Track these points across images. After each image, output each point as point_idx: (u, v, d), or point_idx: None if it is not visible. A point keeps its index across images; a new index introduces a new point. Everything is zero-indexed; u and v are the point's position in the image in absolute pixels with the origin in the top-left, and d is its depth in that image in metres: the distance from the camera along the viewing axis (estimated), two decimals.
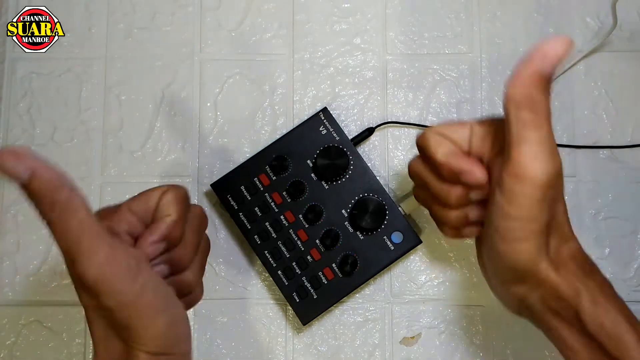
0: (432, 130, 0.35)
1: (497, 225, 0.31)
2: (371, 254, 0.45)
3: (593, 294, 0.31)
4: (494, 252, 0.32)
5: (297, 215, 0.45)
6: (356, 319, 0.47)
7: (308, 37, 0.50)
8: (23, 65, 0.50)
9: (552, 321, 0.32)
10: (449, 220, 0.36)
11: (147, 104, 0.49)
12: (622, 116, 0.49)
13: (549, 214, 0.31)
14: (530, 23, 0.50)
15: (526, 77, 0.28)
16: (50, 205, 0.27)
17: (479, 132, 0.34)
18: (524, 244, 0.31)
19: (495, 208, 0.31)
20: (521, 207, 0.30)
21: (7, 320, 0.47)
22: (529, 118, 0.29)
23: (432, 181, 0.36)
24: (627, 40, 0.50)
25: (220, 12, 0.50)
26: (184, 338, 0.33)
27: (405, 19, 0.50)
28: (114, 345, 0.31)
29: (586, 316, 0.30)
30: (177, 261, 0.35)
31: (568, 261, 0.32)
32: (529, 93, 0.29)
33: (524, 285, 0.32)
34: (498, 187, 0.31)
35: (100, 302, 0.29)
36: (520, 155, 0.29)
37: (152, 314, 0.30)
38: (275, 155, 0.45)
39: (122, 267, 0.29)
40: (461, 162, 0.33)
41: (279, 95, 0.49)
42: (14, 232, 0.48)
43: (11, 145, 0.27)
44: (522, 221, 0.30)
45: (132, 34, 0.50)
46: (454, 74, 0.49)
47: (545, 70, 0.28)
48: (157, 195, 0.35)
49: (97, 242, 0.29)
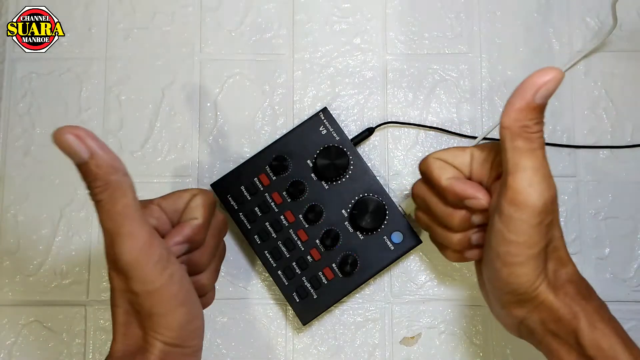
0: (433, 156, 0.37)
1: (497, 250, 0.32)
2: (371, 254, 0.44)
3: (591, 317, 0.32)
4: (495, 276, 0.33)
5: (297, 215, 0.45)
6: (356, 319, 0.47)
7: (308, 37, 0.50)
8: (23, 65, 0.50)
9: (552, 343, 0.33)
10: (451, 243, 0.37)
11: (147, 104, 0.49)
12: (622, 116, 0.49)
13: (547, 239, 0.32)
14: (530, 23, 0.50)
15: (519, 107, 0.30)
16: (103, 186, 0.29)
17: (478, 157, 0.35)
18: (523, 268, 0.31)
19: (494, 233, 0.32)
20: (519, 232, 0.31)
21: (7, 320, 0.47)
22: (524, 146, 0.30)
23: (436, 205, 0.37)
24: (627, 40, 0.50)
25: (221, 12, 0.50)
26: (199, 334, 0.34)
27: (405, 19, 0.50)
28: (133, 333, 0.32)
29: (585, 339, 0.31)
30: (195, 263, 0.36)
31: (566, 284, 0.33)
32: (522, 123, 0.30)
33: (524, 308, 0.33)
34: (497, 212, 0.32)
35: (129, 286, 0.31)
36: (516, 182, 0.30)
37: (174, 304, 0.32)
38: (275, 155, 0.45)
39: (155, 255, 0.31)
40: (466, 188, 0.34)
41: (279, 95, 0.49)
42: (14, 232, 0.48)
43: (70, 125, 0.28)
44: (520, 246, 0.31)
45: (132, 34, 0.50)
46: (454, 74, 0.49)
47: (536, 100, 0.30)
48: (187, 197, 0.37)
49: (138, 228, 0.30)
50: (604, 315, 0.32)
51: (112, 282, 0.32)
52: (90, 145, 0.29)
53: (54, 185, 0.49)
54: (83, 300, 0.48)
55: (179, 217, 0.37)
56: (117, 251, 0.30)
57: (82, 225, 0.48)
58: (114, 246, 0.30)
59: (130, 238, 0.30)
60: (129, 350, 0.32)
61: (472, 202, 0.34)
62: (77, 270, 0.48)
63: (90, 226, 0.48)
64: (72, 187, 0.49)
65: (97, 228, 0.48)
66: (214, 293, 0.40)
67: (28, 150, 0.49)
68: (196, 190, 0.38)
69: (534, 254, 0.31)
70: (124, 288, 0.31)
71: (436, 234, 0.39)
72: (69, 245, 0.48)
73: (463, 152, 0.36)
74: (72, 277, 0.48)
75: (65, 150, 0.28)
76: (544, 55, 0.49)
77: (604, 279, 0.48)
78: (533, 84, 0.30)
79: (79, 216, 0.48)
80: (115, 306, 0.32)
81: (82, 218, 0.48)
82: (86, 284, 0.48)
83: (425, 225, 0.40)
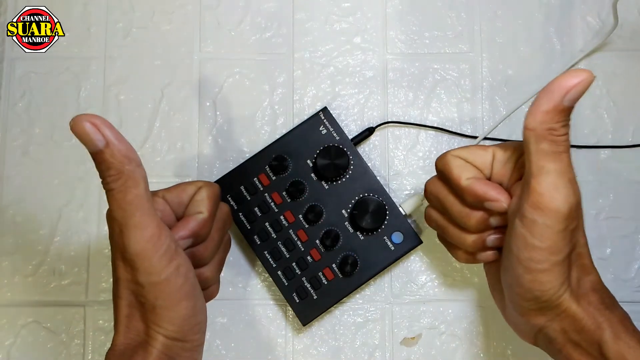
0: (453, 154, 0.35)
1: (519, 256, 0.31)
2: (371, 254, 0.44)
3: (615, 327, 0.31)
4: (516, 282, 0.32)
5: (297, 216, 0.45)
6: (356, 319, 0.47)
7: (308, 37, 0.50)
8: (22, 64, 0.50)
9: (572, 353, 0.32)
10: (465, 244, 0.36)
11: (147, 103, 0.49)
12: (623, 116, 0.49)
13: (571, 245, 0.31)
14: (531, 22, 0.50)
15: (546, 109, 0.29)
16: (116, 175, 0.29)
17: (501, 157, 0.34)
18: (547, 275, 0.31)
19: (516, 237, 0.31)
20: (543, 238, 0.30)
21: (5, 320, 0.47)
22: (549, 149, 0.29)
23: (452, 204, 0.36)
24: (628, 39, 0.49)
25: (220, 11, 0.50)
26: (202, 329, 0.34)
27: (406, 18, 0.50)
28: (136, 326, 0.32)
29: (609, 351, 0.30)
30: (199, 256, 0.36)
31: (589, 293, 0.32)
32: (548, 125, 0.29)
33: (545, 316, 0.32)
34: (519, 216, 0.31)
35: (134, 276, 0.31)
36: (540, 186, 0.29)
37: (178, 297, 0.32)
38: (275, 155, 0.45)
39: (163, 247, 0.31)
40: (488, 190, 0.33)
41: (279, 94, 0.49)
42: (13, 232, 0.48)
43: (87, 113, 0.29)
44: (544, 252, 0.30)
45: (131, 33, 0.50)
46: (454, 74, 0.49)
47: (565, 103, 0.29)
48: (192, 190, 0.37)
49: (148, 219, 0.30)
50: (629, 326, 0.32)
51: (117, 272, 0.32)
52: (106, 134, 0.29)
53: (52, 186, 0.48)
54: (82, 301, 0.47)
55: (184, 210, 0.36)
56: (125, 241, 0.30)
57: (81, 225, 0.48)
58: (122, 236, 0.30)
59: (140, 228, 0.30)
60: (131, 343, 0.32)
61: (493, 205, 0.33)
62: (76, 271, 0.48)
63: (89, 226, 0.48)
64: (71, 187, 0.48)
65: (96, 228, 0.48)
66: (218, 286, 0.40)
67: (27, 150, 0.49)
68: (201, 182, 0.37)
69: (558, 261, 0.30)
70: (129, 279, 0.31)
71: (448, 233, 0.38)
72: (68, 245, 0.48)
73: (485, 151, 0.35)
74: (71, 277, 0.48)
75: (81, 137, 0.29)
76: (545, 54, 0.49)
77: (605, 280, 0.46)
78: (562, 86, 0.29)
79: (77, 216, 0.48)
80: (118, 298, 0.32)
81: (81, 218, 0.48)
82: (85, 285, 0.48)
83: (436, 224, 0.39)
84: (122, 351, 0.32)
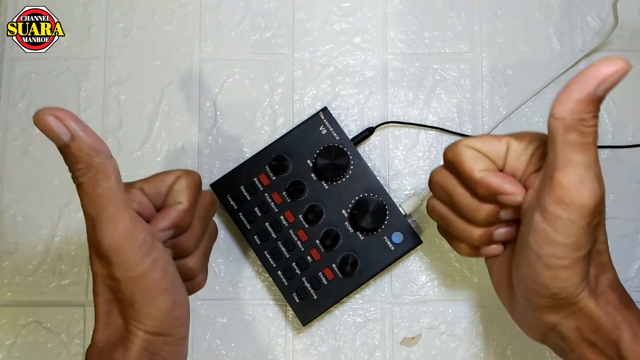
0: (465, 144, 0.34)
1: (539, 252, 0.30)
2: (371, 254, 0.44)
3: (634, 327, 0.30)
4: (532, 278, 0.31)
5: (297, 216, 0.45)
6: (356, 319, 0.47)
7: (308, 37, 0.50)
8: (22, 64, 0.50)
9: (586, 352, 0.31)
10: (470, 237, 0.35)
11: (147, 103, 0.49)
12: (623, 116, 0.49)
13: (592, 241, 0.30)
14: (531, 22, 0.50)
15: (578, 98, 0.27)
16: (85, 168, 0.29)
17: (516, 149, 0.33)
18: (568, 271, 0.29)
19: (536, 232, 0.30)
20: (567, 233, 0.29)
21: (6, 320, 0.47)
22: (578, 140, 0.28)
23: (460, 196, 0.34)
24: (628, 39, 0.49)
25: (220, 11, 0.50)
26: (183, 322, 0.33)
27: (406, 18, 0.50)
28: (115, 322, 0.31)
29: (627, 351, 0.30)
30: (182, 247, 0.35)
31: (607, 291, 0.31)
32: (579, 115, 0.27)
33: (559, 314, 0.31)
34: (539, 211, 0.29)
35: (110, 272, 0.30)
36: (567, 180, 0.28)
37: (156, 292, 0.31)
38: (275, 155, 0.45)
39: (138, 241, 0.30)
40: (503, 183, 0.32)
41: (279, 94, 0.49)
42: (13, 232, 0.48)
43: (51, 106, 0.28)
44: (567, 248, 0.29)
45: (131, 33, 0.50)
46: (454, 74, 0.49)
47: (599, 92, 0.27)
48: (170, 179, 0.35)
49: (121, 212, 0.29)
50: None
51: (94, 268, 0.31)
52: (71, 126, 0.28)
53: (53, 185, 0.48)
54: (82, 301, 0.47)
55: (163, 200, 0.35)
56: (98, 236, 0.29)
57: (81, 225, 0.48)
58: (95, 230, 0.29)
59: (112, 222, 0.29)
60: (111, 339, 0.31)
61: (508, 199, 0.32)
62: (76, 271, 0.48)
63: None
64: (71, 187, 0.48)
65: None
66: (206, 275, 0.39)
67: (27, 150, 0.49)
68: (180, 171, 0.35)
69: (580, 257, 0.29)
70: (105, 274, 0.30)
71: (453, 226, 0.36)
72: (68, 245, 0.48)
73: (499, 142, 0.33)
74: (71, 277, 0.48)
75: (45, 131, 0.28)
76: (545, 54, 0.49)
77: None
78: (597, 74, 0.27)
79: (78, 216, 0.48)
80: (96, 294, 0.31)
81: (81, 218, 0.47)
82: (85, 285, 0.48)
83: (439, 215, 0.37)
84: (102, 348, 0.31)
